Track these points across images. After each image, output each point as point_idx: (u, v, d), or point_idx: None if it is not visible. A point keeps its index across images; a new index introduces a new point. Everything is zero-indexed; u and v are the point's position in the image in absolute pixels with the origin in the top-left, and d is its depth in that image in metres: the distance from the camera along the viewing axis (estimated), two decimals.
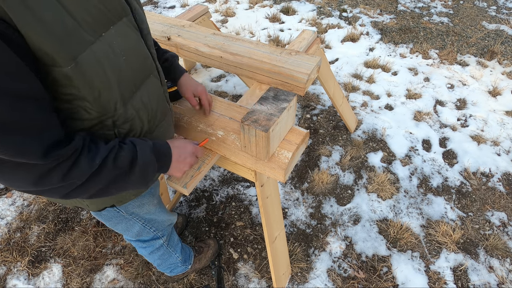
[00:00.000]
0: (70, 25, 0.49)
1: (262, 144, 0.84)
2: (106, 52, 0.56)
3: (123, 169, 0.62)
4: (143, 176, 0.67)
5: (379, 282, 1.49)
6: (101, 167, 0.59)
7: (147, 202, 0.95)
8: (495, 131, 2.17)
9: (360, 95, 2.44)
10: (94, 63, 0.53)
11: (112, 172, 0.61)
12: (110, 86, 0.58)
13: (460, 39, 2.99)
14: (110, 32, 0.57)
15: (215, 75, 2.65)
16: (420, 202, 1.80)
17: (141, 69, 0.67)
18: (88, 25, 0.52)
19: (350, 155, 2.02)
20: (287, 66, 1.18)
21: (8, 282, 1.51)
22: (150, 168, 0.67)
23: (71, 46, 0.49)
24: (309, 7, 3.53)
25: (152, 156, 0.67)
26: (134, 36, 0.64)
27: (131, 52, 0.62)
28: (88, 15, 0.52)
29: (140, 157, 0.64)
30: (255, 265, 1.55)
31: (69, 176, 0.55)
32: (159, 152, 0.70)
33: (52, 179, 0.54)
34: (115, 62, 0.58)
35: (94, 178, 0.59)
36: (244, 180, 1.91)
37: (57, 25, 0.47)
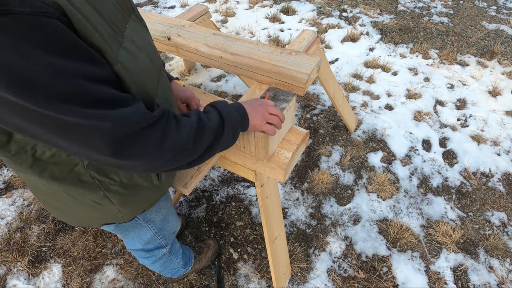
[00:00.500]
0: (106, 27, 0.50)
1: (261, 145, 0.84)
2: (134, 50, 0.57)
3: (217, 126, 0.65)
4: (233, 131, 0.70)
5: (379, 282, 1.49)
6: (200, 124, 0.62)
7: (163, 206, 0.95)
8: (495, 131, 2.17)
9: (360, 95, 2.44)
10: (130, 61, 0.54)
11: (210, 129, 0.64)
12: (146, 81, 0.60)
13: (460, 39, 2.99)
14: (128, 30, 0.57)
15: (215, 75, 2.65)
16: (420, 202, 1.80)
17: (157, 64, 0.68)
18: (115, 26, 0.53)
19: (350, 155, 2.02)
20: (287, 66, 1.18)
21: (8, 282, 1.51)
22: (236, 122, 0.70)
23: (113, 47, 0.51)
24: (309, 7, 3.53)
25: (234, 111, 0.70)
26: (145, 32, 0.65)
27: (148, 47, 0.63)
28: (113, 16, 0.53)
29: (224, 113, 0.68)
30: (255, 265, 1.55)
31: (180, 129, 0.58)
32: (235, 107, 0.73)
33: (171, 135, 0.56)
34: (142, 58, 0.59)
35: (199, 135, 0.61)
36: (244, 180, 1.91)
37: (100, 26, 0.48)
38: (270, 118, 0.78)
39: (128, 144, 0.51)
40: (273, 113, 0.80)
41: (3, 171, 1.98)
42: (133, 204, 0.79)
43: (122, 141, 0.50)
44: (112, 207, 0.74)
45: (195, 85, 2.56)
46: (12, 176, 1.94)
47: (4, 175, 1.95)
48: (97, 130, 0.47)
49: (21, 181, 1.90)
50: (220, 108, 0.69)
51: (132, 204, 0.78)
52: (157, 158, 0.56)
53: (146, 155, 0.54)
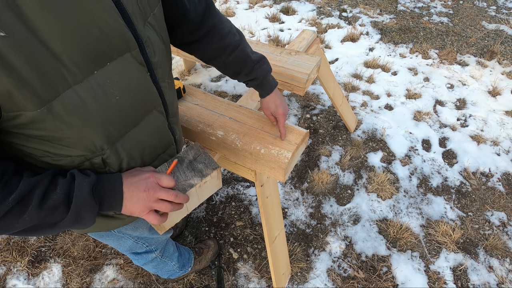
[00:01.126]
0: (51, 67, 0.43)
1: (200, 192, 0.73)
2: (94, 92, 0.49)
3: (51, 210, 0.51)
4: (77, 218, 0.54)
5: (379, 282, 1.49)
6: (19, 206, 0.48)
7: (140, 226, 0.90)
8: (495, 131, 2.17)
9: (360, 95, 2.44)
10: (76, 104, 0.47)
11: (36, 213, 0.50)
12: (94, 128, 0.52)
13: (460, 39, 2.99)
14: (106, 69, 0.50)
15: (215, 75, 2.65)
16: (420, 202, 1.80)
17: (139, 106, 0.60)
18: (76, 65, 0.46)
19: (350, 155, 2.02)
20: (287, 66, 1.18)
21: (8, 282, 1.51)
22: (87, 211, 0.55)
23: (46, 90, 0.44)
24: (309, 7, 3.53)
25: (89, 195, 0.54)
26: (135, 73, 0.56)
27: (128, 90, 0.55)
28: (78, 55, 0.46)
29: (76, 195, 0.53)
30: (255, 265, 1.55)
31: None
32: (103, 189, 0.57)
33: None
34: (103, 103, 0.51)
35: (11, 218, 0.48)
36: (244, 180, 1.91)
37: (30, 71, 0.41)
38: (157, 206, 0.61)
39: None
40: (165, 198, 0.62)
41: None
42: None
43: None
44: None
45: (195, 85, 2.56)
46: None
47: None
48: None
49: None
50: (77, 186, 0.53)
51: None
52: None
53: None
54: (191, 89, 1.14)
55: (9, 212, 0.47)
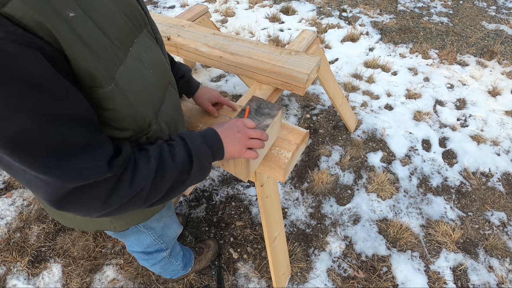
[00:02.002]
0: (106, 44, 0.47)
1: (242, 166, 0.80)
2: (137, 67, 0.54)
3: (182, 164, 0.59)
4: (201, 167, 0.63)
5: (379, 282, 1.49)
6: (159, 167, 0.56)
7: (165, 215, 0.95)
8: (495, 131, 2.17)
9: (360, 95, 2.44)
10: (129, 80, 0.52)
11: (173, 170, 0.58)
12: (145, 101, 0.56)
13: (459, 39, 2.99)
14: (135, 46, 0.55)
15: (215, 75, 2.65)
16: (420, 202, 1.80)
17: (163, 80, 0.65)
18: (119, 42, 0.50)
19: (350, 155, 2.02)
20: (287, 66, 1.18)
21: (8, 282, 1.51)
22: (206, 157, 0.63)
23: (110, 66, 0.48)
24: (309, 7, 3.53)
25: (204, 146, 0.63)
26: (154, 47, 0.61)
27: (155, 63, 0.60)
28: (117, 32, 0.50)
29: (192, 148, 0.61)
30: (255, 265, 1.55)
31: (135, 183, 0.52)
32: (208, 138, 0.65)
33: (120, 191, 0.51)
34: (145, 76, 0.56)
35: (158, 179, 0.56)
36: None
37: (97, 45, 0.45)
38: (251, 144, 0.70)
39: (71, 197, 0.47)
40: (254, 137, 0.71)
41: (2, 171, 1.97)
42: (125, 218, 0.78)
43: (65, 195, 0.46)
44: (104, 219, 0.74)
45: None
46: None
47: (4, 175, 1.95)
48: (39, 181, 0.44)
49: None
50: (189, 142, 0.62)
51: (124, 218, 0.78)
52: (99, 211, 0.52)
53: (87, 209, 0.51)
54: None
55: (155, 176, 0.55)
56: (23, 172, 0.43)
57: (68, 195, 0.46)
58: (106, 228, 0.80)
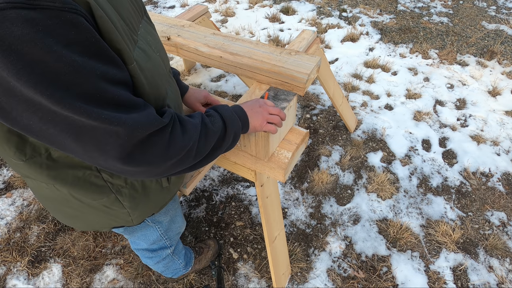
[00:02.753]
0: (124, 26, 0.51)
1: (262, 144, 0.84)
2: (147, 49, 0.57)
3: (220, 130, 0.66)
4: (234, 136, 0.71)
5: (379, 282, 1.49)
6: (204, 127, 0.62)
7: (171, 208, 0.96)
8: (495, 131, 2.17)
9: (360, 95, 2.44)
10: (144, 60, 0.54)
11: (213, 133, 0.64)
12: (159, 81, 0.59)
13: (459, 39, 2.99)
14: (141, 31, 0.58)
15: (215, 75, 2.65)
16: (420, 202, 1.80)
17: (167, 65, 0.69)
18: (131, 25, 0.54)
19: (350, 155, 2.02)
20: (287, 66, 1.18)
21: (8, 282, 1.51)
22: (237, 126, 0.71)
23: (130, 45, 0.50)
24: (309, 7, 3.53)
25: (234, 115, 0.71)
26: (153, 33, 0.65)
27: (160, 47, 0.64)
28: (129, 16, 0.54)
29: (226, 117, 0.68)
30: (255, 265, 1.55)
31: (186, 134, 0.58)
32: (236, 109, 0.74)
33: (176, 141, 0.56)
34: (154, 59, 0.59)
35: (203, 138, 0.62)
36: (244, 180, 1.91)
37: (119, 25, 0.49)
38: (271, 118, 0.78)
39: (137, 150, 0.51)
40: (274, 113, 0.80)
41: (3, 171, 1.98)
42: (143, 207, 0.79)
43: (132, 147, 0.50)
44: (123, 211, 0.74)
45: (195, 85, 2.56)
46: (12, 176, 1.94)
47: (4, 175, 1.95)
48: (110, 134, 0.46)
49: (21, 181, 1.90)
50: (222, 112, 0.69)
51: (142, 207, 0.78)
52: (162, 164, 0.56)
53: (152, 161, 0.54)
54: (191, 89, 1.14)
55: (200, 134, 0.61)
56: (92, 130, 0.45)
57: (135, 147, 0.50)
58: (123, 223, 0.79)
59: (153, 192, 0.76)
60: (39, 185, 0.64)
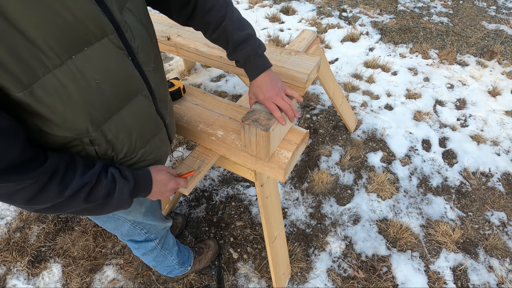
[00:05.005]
0: (28, 52, 0.45)
1: (263, 144, 0.84)
2: (73, 76, 0.51)
3: (95, 202, 0.62)
4: (116, 207, 0.68)
5: (379, 282, 1.49)
6: (71, 198, 0.58)
7: (133, 210, 0.93)
8: (495, 131, 2.17)
9: (360, 95, 2.44)
10: (56, 88, 0.50)
11: (82, 203, 0.60)
12: (77, 111, 0.54)
13: (459, 39, 2.99)
14: (83, 54, 0.52)
15: (215, 75, 2.65)
16: (420, 202, 1.80)
17: (122, 90, 0.62)
18: (52, 50, 0.47)
19: (350, 155, 2.02)
20: (287, 66, 1.18)
21: (8, 282, 1.51)
22: (124, 204, 0.68)
23: (25, 73, 0.46)
24: (309, 7, 3.53)
25: (129, 196, 0.67)
26: (114, 57, 0.57)
27: (108, 74, 0.57)
28: (53, 40, 0.47)
29: (116, 196, 0.64)
30: (255, 265, 1.55)
31: (34, 200, 0.54)
32: (138, 191, 0.70)
33: (16, 200, 0.53)
34: (83, 86, 0.53)
35: (62, 206, 0.58)
36: (244, 180, 1.91)
37: (8, 55, 0.44)
38: (170, 194, 0.81)
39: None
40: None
41: None
42: None
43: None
44: None
45: (195, 85, 2.56)
46: None
47: None
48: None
49: None
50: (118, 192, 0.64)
51: None
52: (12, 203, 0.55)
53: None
54: (191, 89, 1.14)
55: (62, 202, 0.58)
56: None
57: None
58: None
59: None
60: None
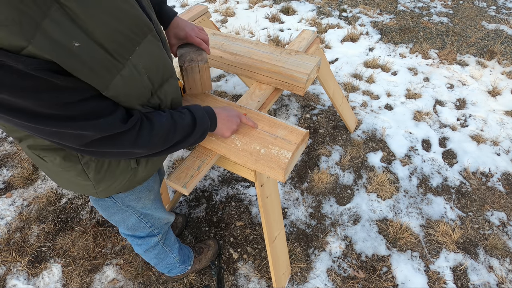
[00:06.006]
0: (106, 60, 0.54)
1: (206, 76, 0.97)
2: (132, 74, 0.60)
3: (188, 125, 0.76)
4: (203, 131, 0.81)
5: (379, 282, 1.49)
6: (171, 123, 0.72)
7: (143, 197, 0.96)
8: (495, 131, 2.17)
9: (360, 95, 2.44)
10: (122, 86, 0.59)
11: (180, 127, 0.74)
12: (132, 100, 0.65)
13: (459, 39, 2.99)
14: (136, 53, 0.60)
15: (215, 75, 2.65)
16: (420, 202, 1.80)
17: (161, 77, 0.72)
18: (116, 52, 0.56)
19: (350, 155, 2.02)
20: (286, 66, 1.18)
21: (7, 282, 1.51)
22: (206, 125, 0.81)
23: (106, 77, 0.55)
24: (309, 7, 3.53)
25: (205, 116, 0.81)
26: (157, 50, 0.68)
27: (153, 67, 0.67)
28: (119, 46, 0.56)
29: (197, 116, 0.78)
30: (255, 265, 1.55)
31: (152, 132, 0.68)
32: (208, 113, 0.83)
33: (142, 137, 0.66)
34: (138, 81, 0.63)
35: (172, 132, 0.72)
36: (244, 180, 1.91)
37: (96, 64, 0.53)
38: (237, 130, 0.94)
39: (103, 143, 0.61)
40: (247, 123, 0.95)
41: (3, 171, 1.98)
42: (108, 182, 0.81)
43: (97, 142, 0.60)
44: (87, 182, 0.79)
45: None
46: (12, 176, 1.94)
47: (4, 175, 1.95)
48: (78, 136, 0.57)
49: (21, 181, 1.90)
50: (194, 112, 0.79)
51: (107, 182, 0.81)
52: (129, 152, 0.68)
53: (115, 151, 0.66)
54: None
55: (169, 128, 0.71)
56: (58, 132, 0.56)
57: (100, 142, 0.61)
58: (87, 192, 0.84)
59: (120, 171, 0.80)
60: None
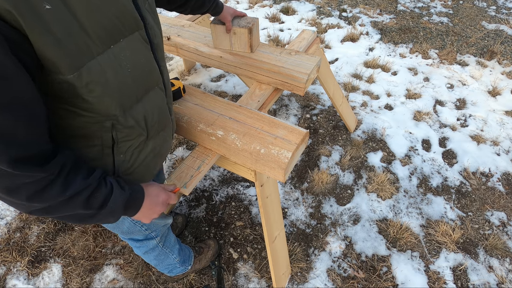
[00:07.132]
0: (80, 38, 0.51)
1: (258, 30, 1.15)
2: (112, 64, 0.58)
3: (91, 209, 0.62)
4: (106, 219, 0.67)
5: (379, 282, 1.49)
6: (70, 199, 0.58)
7: None
8: (495, 131, 2.17)
9: (360, 95, 2.44)
10: (98, 73, 0.56)
11: (79, 208, 0.60)
12: (111, 95, 0.60)
13: (459, 39, 2.99)
14: (119, 45, 0.59)
15: (215, 75, 2.64)
16: (420, 202, 1.80)
17: (145, 82, 0.69)
18: (98, 38, 0.54)
19: (350, 155, 2.02)
20: (286, 66, 1.18)
21: (7, 282, 1.51)
22: (116, 215, 0.68)
23: (77, 57, 0.52)
24: (309, 7, 3.53)
25: (121, 208, 0.67)
26: (143, 50, 0.66)
27: (137, 65, 0.64)
28: (100, 29, 0.54)
29: (110, 205, 0.64)
30: (255, 265, 1.55)
31: (35, 196, 0.54)
32: (130, 203, 0.70)
33: (18, 195, 0.53)
34: (119, 74, 0.60)
35: (58, 207, 0.58)
36: (244, 180, 1.91)
37: (66, 35, 0.49)
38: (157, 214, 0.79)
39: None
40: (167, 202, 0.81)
41: None
42: None
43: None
44: None
45: (195, 85, 2.56)
46: None
47: None
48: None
49: None
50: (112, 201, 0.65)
51: None
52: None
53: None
54: (191, 89, 1.14)
55: (60, 202, 0.58)
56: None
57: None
58: None
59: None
60: None
